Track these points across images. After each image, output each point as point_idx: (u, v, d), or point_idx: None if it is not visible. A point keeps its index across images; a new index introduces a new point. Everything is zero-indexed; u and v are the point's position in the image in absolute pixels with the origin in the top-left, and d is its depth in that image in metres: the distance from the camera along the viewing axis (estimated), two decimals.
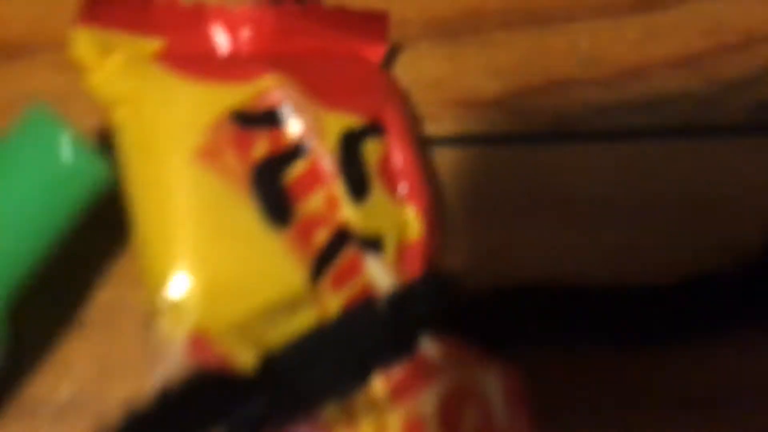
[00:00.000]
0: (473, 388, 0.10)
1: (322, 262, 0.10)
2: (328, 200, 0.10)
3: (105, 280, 0.11)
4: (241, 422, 0.09)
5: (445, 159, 0.12)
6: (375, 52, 0.11)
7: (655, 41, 0.13)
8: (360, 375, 0.09)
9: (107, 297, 0.11)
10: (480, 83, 0.12)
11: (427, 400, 0.09)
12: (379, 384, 0.09)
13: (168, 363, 0.09)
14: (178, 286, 0.09)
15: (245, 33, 0.11)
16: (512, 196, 0.12)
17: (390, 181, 0.10)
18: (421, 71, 0.12)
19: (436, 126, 0.12)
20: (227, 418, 0.09)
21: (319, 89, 0.10)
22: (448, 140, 0.12)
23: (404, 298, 0.10)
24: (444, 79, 0.12)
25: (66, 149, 0.09)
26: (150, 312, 0.09)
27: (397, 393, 0.09)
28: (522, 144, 0.12)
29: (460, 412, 0.09)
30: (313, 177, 0.10)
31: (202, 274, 0.09)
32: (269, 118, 0.10)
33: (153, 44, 0.11)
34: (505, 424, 0.09)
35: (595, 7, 0.13)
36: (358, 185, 0.10)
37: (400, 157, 0.11)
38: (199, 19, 0.11)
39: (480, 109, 0.12)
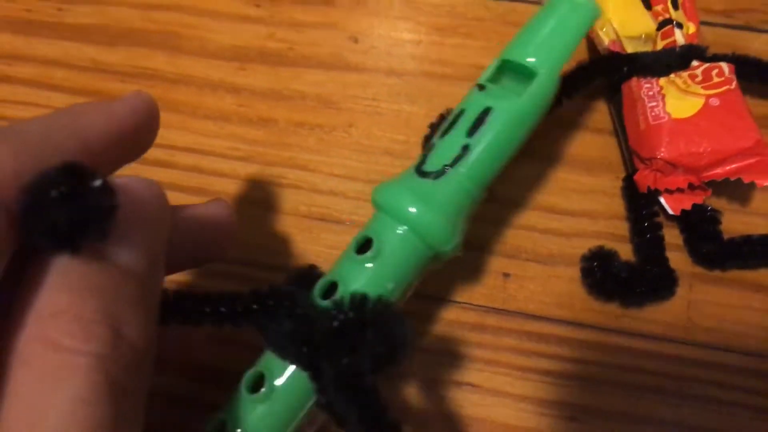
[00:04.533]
0: None
1: (659, 27, 0.25)
2: (663, 9, 0.25)
3: None
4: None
5: None
6: None
7: None
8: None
9: None
10: None
11: None
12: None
13: (601, 49, 0.26)
14: (608, 24, 0.25)
15: None
16: None
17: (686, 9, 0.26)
18: None
19: None
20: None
21: None
22: None
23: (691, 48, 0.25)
24: None
25: None
26: (598, 34, 0.26)
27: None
28: None
29: None
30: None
31: (618, 19, 0.25)
32: None
33: None
34: None
35: None
36: (675, 2, 0.25)
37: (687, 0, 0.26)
38: None
39: None
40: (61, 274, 0.12)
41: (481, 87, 0.20)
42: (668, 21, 0.25)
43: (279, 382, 0.16)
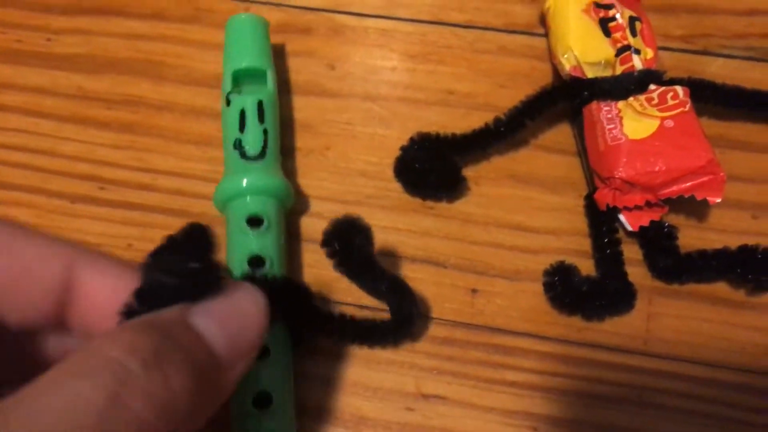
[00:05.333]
0: None
1: (618, 53, 0.27)
2: (622, 36, 0.27)
3: None
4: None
5: None
6: None
7: None
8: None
9: None
10: None
11: None
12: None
13: (564, 75, 0.27)
14: (569, 50, 0.27)
15: None
16: None
17: (644, 36, 0.27)
18: None
19: None
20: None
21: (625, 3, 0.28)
22: None
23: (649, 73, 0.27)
24: None
25: None
26: (561, 60, 0.27)
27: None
28: None
29: None
30: (618, 27, 0.27)
31: (579, 47, 0.27)
32: (608, 6, 0.27)
33: None
34: None
35: None
36: (633, 29, 0.27)
37: (646, 27, 0.28)
38: None
39: None
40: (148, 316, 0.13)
41: (237, 92, 0.26)
42: (626, 47, 0.27)
43: (284, 396, 0.21)
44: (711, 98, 0.27)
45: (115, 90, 0.30)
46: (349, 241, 0.22)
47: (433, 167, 0.26)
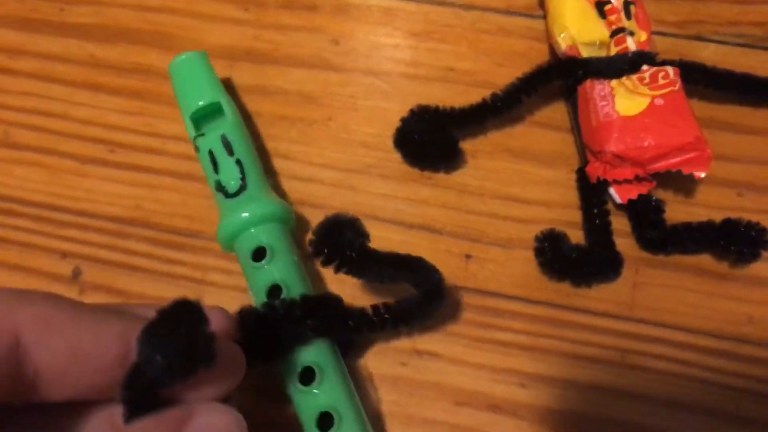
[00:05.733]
0: None
1: (612, 35, 0.28)
2: (617, 18, 0.28)
3: None
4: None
5: None
6: None
7: None
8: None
9: None
10: None
11: None
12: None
13: (560, 54, 0.28)
14: (566, 31, 0.28)
15: None
16: None
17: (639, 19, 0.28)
18: None
19: None
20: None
21: None
22: None
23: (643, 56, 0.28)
24: None
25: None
26: (557, 40, 0.28)
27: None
28: None
29: None
30: (613, 10, 0.28)
31: (575, 27, 0.28)
32: None
33: None
34: None
35: None
36: (628, 12, 0.28)
37: (640, 11, 0.29)
38: None
39: None
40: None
41: (201, 135, 0.25)
42: (621, 29, 0.28)
43: (346, 415, 0.21)
44: (701, 80, 0.28)
45: (125, 59, 0.31)
46: (340, 241, 0.21)
47: (432, 139, 0.27)
